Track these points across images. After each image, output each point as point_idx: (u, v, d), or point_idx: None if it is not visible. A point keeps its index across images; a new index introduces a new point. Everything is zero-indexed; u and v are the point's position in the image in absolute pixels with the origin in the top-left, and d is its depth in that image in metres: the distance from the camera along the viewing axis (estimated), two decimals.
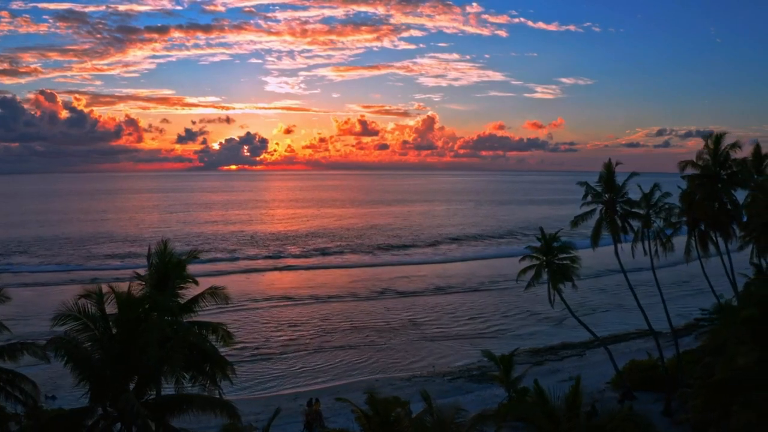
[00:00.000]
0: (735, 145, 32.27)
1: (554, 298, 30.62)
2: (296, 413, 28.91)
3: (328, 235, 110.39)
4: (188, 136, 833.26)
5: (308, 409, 26.89)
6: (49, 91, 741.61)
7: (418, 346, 42.84)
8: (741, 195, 34.83)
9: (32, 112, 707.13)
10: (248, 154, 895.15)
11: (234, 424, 16.74)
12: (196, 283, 21.52)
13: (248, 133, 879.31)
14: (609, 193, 30.87)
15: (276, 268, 75.89)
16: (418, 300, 57.64)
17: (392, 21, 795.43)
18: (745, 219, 34.59)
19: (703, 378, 20.36)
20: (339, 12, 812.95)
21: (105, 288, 17.50)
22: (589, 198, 31.40)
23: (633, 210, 31.18)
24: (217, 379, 20.06)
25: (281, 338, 44.97)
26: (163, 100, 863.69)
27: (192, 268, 70.36)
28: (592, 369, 35.67)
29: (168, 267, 20.38)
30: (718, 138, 32.08)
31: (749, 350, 18.42)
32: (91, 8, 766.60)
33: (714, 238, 34.27)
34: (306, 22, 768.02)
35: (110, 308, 17.43)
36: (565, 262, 30.18)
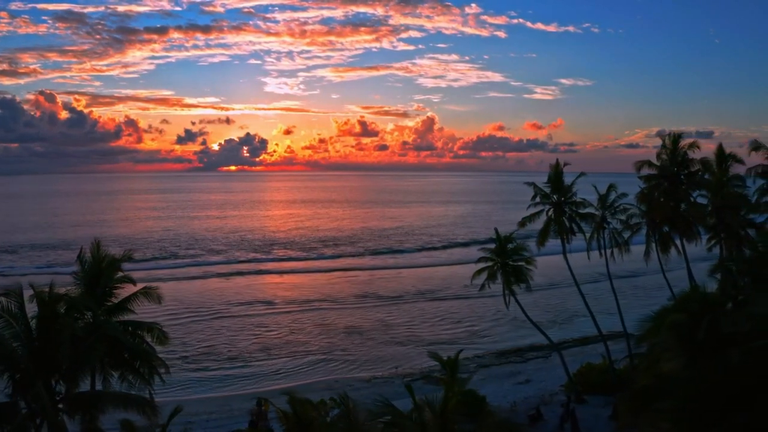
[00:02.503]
0: (693, 145, 32.13)
1: (509, 300, 30.58)
2: (246, 413, 28.94)
3: (319, 237, 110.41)
4: (188, 136, 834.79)
5: (256, 409, 26.94)
6: (48, 91, 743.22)
7: (388, 349, 42.84)
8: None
9: (32, 113, 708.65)
10: (248, 154, 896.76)
11: (131, 422, 16.71)
12: (134, 282, 21.63)
13: (248, 134, 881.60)
14: (557, 193, 30.79)
15: (259, 272, 75.58)
16: (397, 303, 57.38)
17: (391, 22, 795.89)
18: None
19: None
20: (338, 13, 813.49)
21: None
22: (538, 199, 31.33)
23: (584, 211, 31.11)
24: (149, 378, 20.18)
25: (252, 339, 45.00)
26: (163, 101, 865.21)
27: (178, 272, 70.63)
28: (553, 371, 35.59)
29: (101, 267, 20.44)
30: (677, 137, 31.96)
31: (674, 356, 18.34)
32: (90, 9, 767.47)
33: (682, 243, 34.23)
34: (305, 23, 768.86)
35: None
36: (519, 263, 30.13)
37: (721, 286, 24.71)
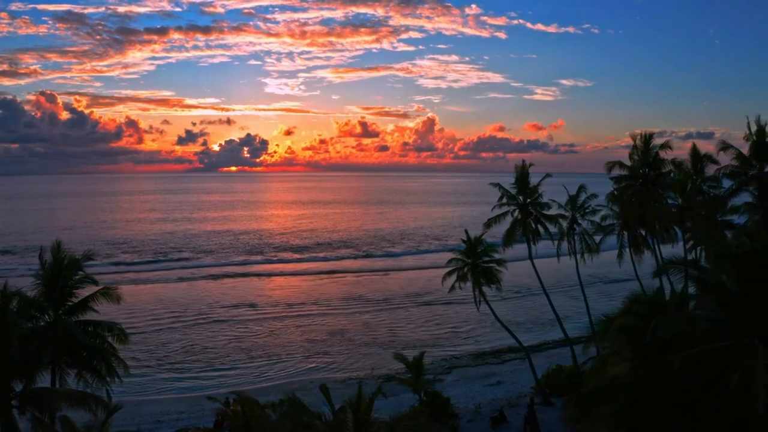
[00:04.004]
0: (665, 146, 32.15)
1: (480, 301, 30.73)
2: (212, 412, 29.16)
3: (314, 238, 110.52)
4: (188, 137, 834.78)
5: (222, 410, 27.08)
6: (49, 92, 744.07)
7: (369, 350, 42.94)
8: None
9: (32, 114, 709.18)
10: (248, 155, 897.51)
11: (69, 418, 16.97)
12: (96, 283, 21.95)
13: (248, 135, 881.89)
14: (522, 195, 30.92)
15: (247, 274, 75.20)
16: (384, 305, 57.23)
17: (391, 22, 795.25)
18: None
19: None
20: (338, 13, 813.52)
21: None
22: (505, 200, 31.46)
23: (549, 212, 31.23)
24: (107, 376, 20.48)
25: (234, 342, 45.17)
26: (163, 102, 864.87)
27: (171, 274, 70.73)
28: (527, 373, 35.48)
29: (60, 267, 20.74)
30: (648, 137, 31.94)
31: (621, 360, 18.48)
32: (90, 10, 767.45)
33: (657, 245, 34.30)
34: (305, 24, 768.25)
35: None
36: (490, 265, 30.29)
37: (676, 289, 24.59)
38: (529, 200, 30.91)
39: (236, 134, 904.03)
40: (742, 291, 15.98)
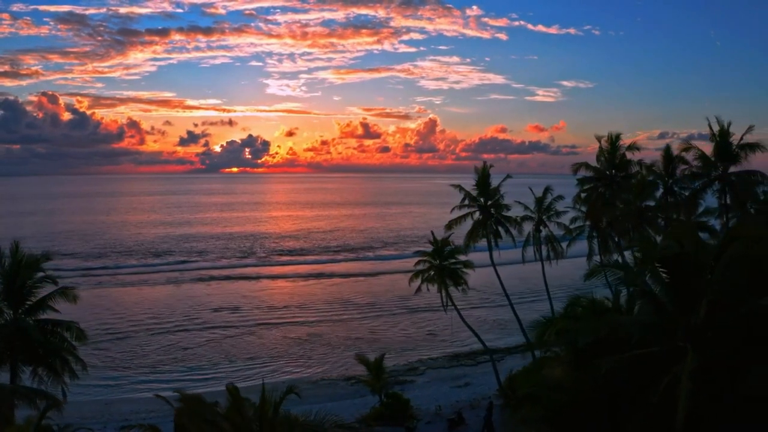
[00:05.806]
0: (632, 147, 32.33)
1: (447, 302, 31.05)
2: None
3: (310, 240, 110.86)
4: (190, 138, 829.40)
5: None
6: (51, 93, 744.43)
7: (349, 352, 43.21)
8: None
9: (34, 114, 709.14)
10: (250, 156, 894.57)
11: (10, 416, 17.40)
12: (55, 283, 22.43)
13: (250, 136, 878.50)
14: (484, 197, 31.17)
15: (234, 277, 75.04)
16: (370, 308, 57.34)
17: (392, 24, 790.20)
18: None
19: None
20: (339, 15, 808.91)
21: None
22: (467, 201, 31.72)
23: (517, 215, 31.51)
24: (62, 374, 20.94)
25: (216, 343, 45.61)
26: (165, 103, 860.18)
27: (155, 276, 70.90)
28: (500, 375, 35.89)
29: (19, 267, 21.20)
30: (615, 138, 32.08)
31: (558, 364, 18.79)
32: (91, 11, 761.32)
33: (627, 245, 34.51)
34: (306, 25, 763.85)
35: None
36: (456, 266, 30.60)
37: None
38: (490, 202, 31.22)
39: (238, 135, 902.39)
40: (669, 294, 16.22)
